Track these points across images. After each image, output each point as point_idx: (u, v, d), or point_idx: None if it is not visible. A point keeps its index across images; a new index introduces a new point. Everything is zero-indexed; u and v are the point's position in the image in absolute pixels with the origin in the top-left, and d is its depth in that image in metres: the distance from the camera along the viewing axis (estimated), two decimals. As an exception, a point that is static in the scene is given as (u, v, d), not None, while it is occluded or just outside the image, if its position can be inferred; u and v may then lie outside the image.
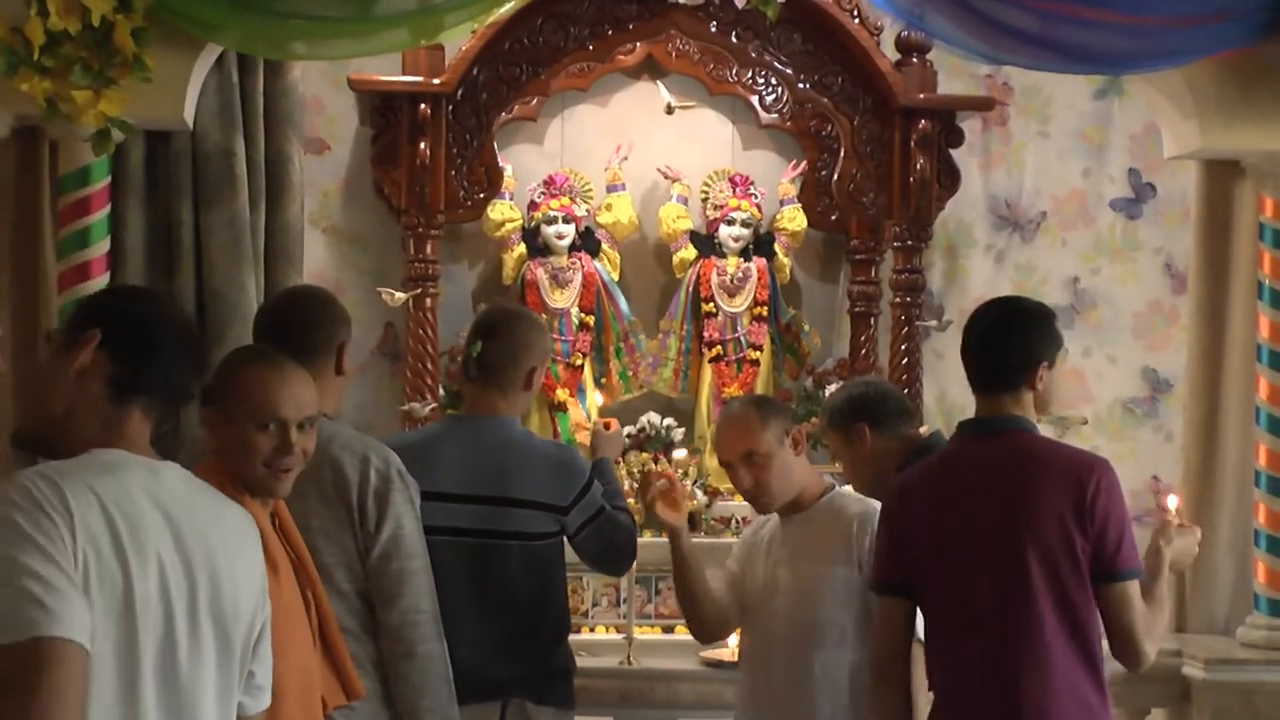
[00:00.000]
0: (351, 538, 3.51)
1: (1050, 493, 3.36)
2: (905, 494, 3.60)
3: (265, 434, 2.94)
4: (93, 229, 4.86)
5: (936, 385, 6.26)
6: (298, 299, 3.83)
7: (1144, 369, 6.46)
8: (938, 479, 3.56)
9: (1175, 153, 5.50)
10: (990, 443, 3.50)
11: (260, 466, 2.95)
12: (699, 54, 5.91)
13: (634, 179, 6.09)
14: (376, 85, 5.70)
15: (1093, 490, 3.34)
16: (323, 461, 3.39)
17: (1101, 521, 3.34)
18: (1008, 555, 3.36)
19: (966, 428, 3.61)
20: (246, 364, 3.06)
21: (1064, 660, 3.34)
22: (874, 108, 5.92)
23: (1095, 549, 3.34)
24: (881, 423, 4.10)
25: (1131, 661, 3.42)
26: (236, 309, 5.21)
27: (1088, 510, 3.33)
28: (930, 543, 3.50)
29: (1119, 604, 3.36)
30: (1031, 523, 3.35)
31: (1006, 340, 3.52)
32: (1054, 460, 3.43)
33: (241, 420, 2.96)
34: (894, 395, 4.23)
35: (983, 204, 6.43)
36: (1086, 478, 3.36)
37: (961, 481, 3.49)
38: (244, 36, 4.88)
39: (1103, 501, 3.34)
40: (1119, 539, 3.35)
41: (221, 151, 5.24)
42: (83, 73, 4.58)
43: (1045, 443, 3.54)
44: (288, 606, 2.91)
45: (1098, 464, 3.41)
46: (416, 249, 5.72)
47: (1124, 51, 5.07)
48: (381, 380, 6.04)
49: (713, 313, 6.06)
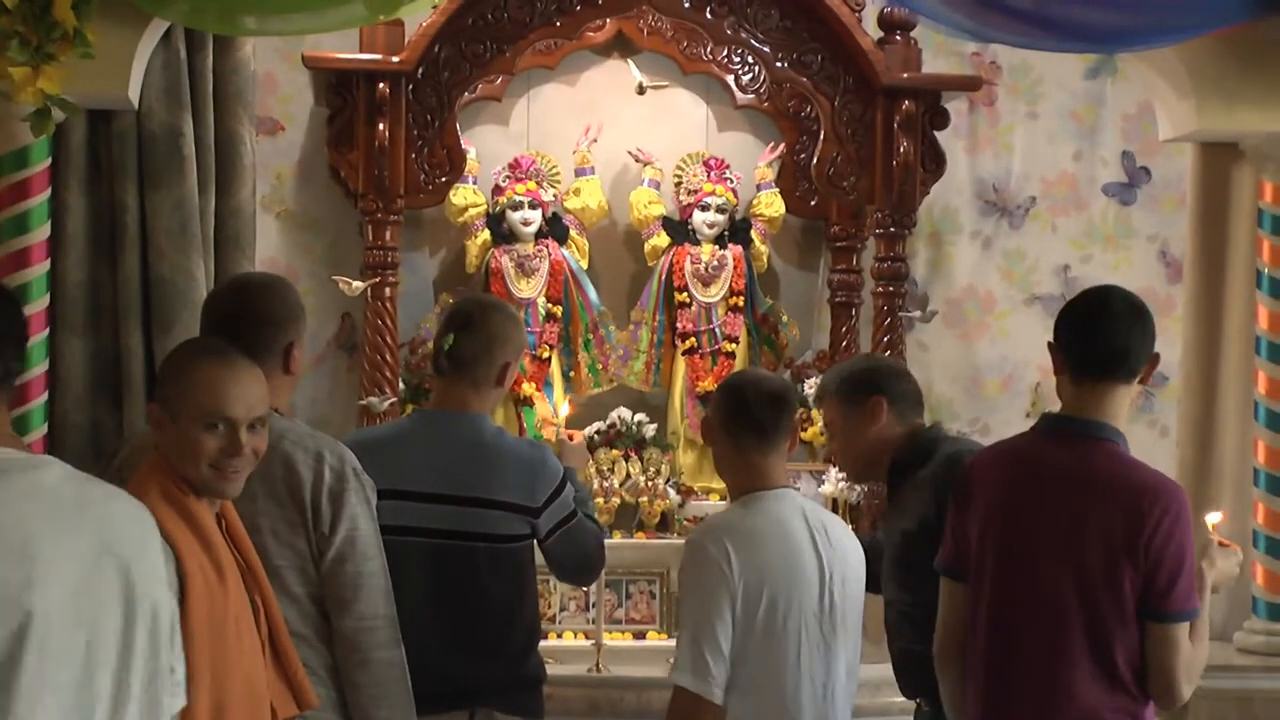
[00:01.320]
0: (304, 540, 3.41)
1: (1105, 517, 3.23)
2: (978, 479, 3.45)
3: (213, 434, 2.87)
4: (32, 214, 4.77)
5: (922, 379, 6.01)
6: (248, 290, 3.68)
7: (1137, 362, 6.41)
8: (1010, 474, 3.41)
9: (1171, 135, 5.45)
10: (1067, 447, 3.35)
11: (206, 467, 2.86)
12: (672, 31, 5.83)
13: (603, 162, 6.04)
14: (332, 63, 5.63)
15: (1153, 522, 3.20)
16: (273, 459, 3.29)
17: (1156, 557, 3.20)
18: (1050, 575, 3.27)
19: (1049, 422, 3.45)
20: (193, 359, 2.96)
21: (1085, 693, 3.24)
22: (855, 88, 5.84)
23: (1146, 584, 3.21)
24: (896, 402, 3.88)
25: (1165, 703, 3.29)
26: (185, 297, 5.07)
27: (1143, 543, 3.20)
28: (986, 536, 3.38)
29: (1162, 645, 3.23)
30: (1076, 545, 3.24)
31: (1121, 325, 3.34)
32: (1119, 483, 3.27)
33: (187, 419, 2.87)
34: (910, 378, 4.03)
35: (969, 189, 6.39)
36: (1150, 507, 3.21)
37: (1028, 484, 3.37)
38: (192, 10, 4.78)
39: (1161, 536, 3.20)
40: (1173, 578, 3.21)
41: (168, 132, 5.11)
42: (20, 48, 4.44)
43: (1118, 461, 3.33)
44: (235, 613, 2.83)
45: (1164, 493, 3.25)
46: (375, 235, 5.62)
47: (1118, 28, 4.98)
48: (338, 373, 5.98)
49: (686, 303, 6.00)
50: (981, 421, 6.34)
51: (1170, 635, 3.22)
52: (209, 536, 2.80)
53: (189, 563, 2.71)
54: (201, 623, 2.69)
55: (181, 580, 2.68)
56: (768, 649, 3.50)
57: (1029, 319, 6.29)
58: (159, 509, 2.73)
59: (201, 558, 2.75)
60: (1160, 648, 3.22)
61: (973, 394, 6.37)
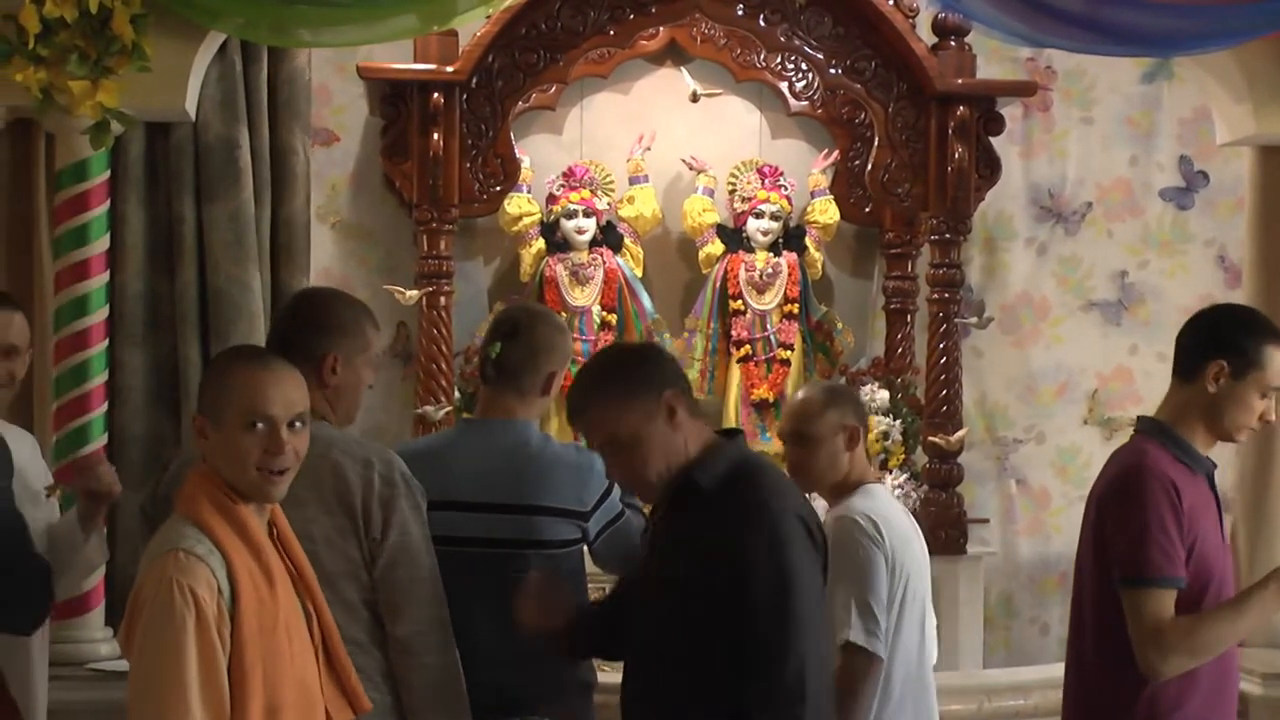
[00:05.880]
0: (356, 547, 3.40)
1: (1099, 494, 3.40)
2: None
3: (253, 434, 2.84)
4: (91, 226, 4.76)
5: (977, 386, 6.23)
6: (294, 300, 3.78)
7: (1196, 368, 6.36)
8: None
9: (1228, 139, 5.40)
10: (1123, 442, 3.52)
11: (252, 470, 2.84)
12: (724, 38, 5.83)
13: (657, 170, 6.04)
14: (386, 73, 5.66)
15: (1110, 491, 3.36)
16: (323, 468, 3.31)
17: (1113, 524, 3.31)
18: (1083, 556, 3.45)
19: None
20: (230, 364, 2.97)
21: (1093, 666, 3.36)
22: (909, 94, 5.84)
23: (1110, 550, 3.32)
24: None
25: (1141, 669, 3.30)
26: (241, 308, 5.12)
27: (1107, 511, 3.34)
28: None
29: (1126, 611, 3.28)
30: (1088, 521, 3.42)
31: (1190, 323, 3.47)
32: (1110, 463, 3.44)
33: (229, 422, 2.86)
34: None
35: (1024, 194, 6.37)
36: (1112, 478, 3.37)
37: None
38: (246, 23, 4.80)
39: (1114, 503, 3.32)
40: (1125, 544, 3.28)
41: (224, 143, 5.15)
42: (79, 62, 4.49)
43: (1127, 446, 3.44)
44: (286, 619, 2.83)
45: (1124, 463, 3.37)
46: (429, 245, 5.64)
47: (1173, 31, 4.96)
48: (394, 383, 5.98)
49: (741, 310, 5.99)
50: (1037, 429, 6.30)
51: (1129, 600, 3.25)
52: (259, 544, 2.81)
53: (239, 570, 2.73)
54: (252, 628, 2.71)
55: (233, 587, 2.71)
56: (901, 619, 3.65)
57: (1085, 325, 6.27)
58: (209, 518, 2.75)
59: (251, 565, 2.77)
60: (1126, 613, 3.26)
61: (1028, 401, 6.34)
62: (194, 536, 2.73)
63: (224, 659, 2.69)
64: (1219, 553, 3.35)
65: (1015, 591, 6.27)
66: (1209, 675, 3.30)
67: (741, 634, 3.02)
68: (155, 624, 2.67)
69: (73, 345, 4.64)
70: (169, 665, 2.65)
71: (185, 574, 2.68)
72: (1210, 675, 3.31)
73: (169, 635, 2.65)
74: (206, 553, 2.71)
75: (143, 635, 2.69)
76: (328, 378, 3.47)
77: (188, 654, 2.65)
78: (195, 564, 2.69)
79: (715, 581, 3.03)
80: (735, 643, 3.03)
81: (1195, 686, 3.29)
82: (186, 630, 2.65)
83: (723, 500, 3.10)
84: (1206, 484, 3.38)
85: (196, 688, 2.65)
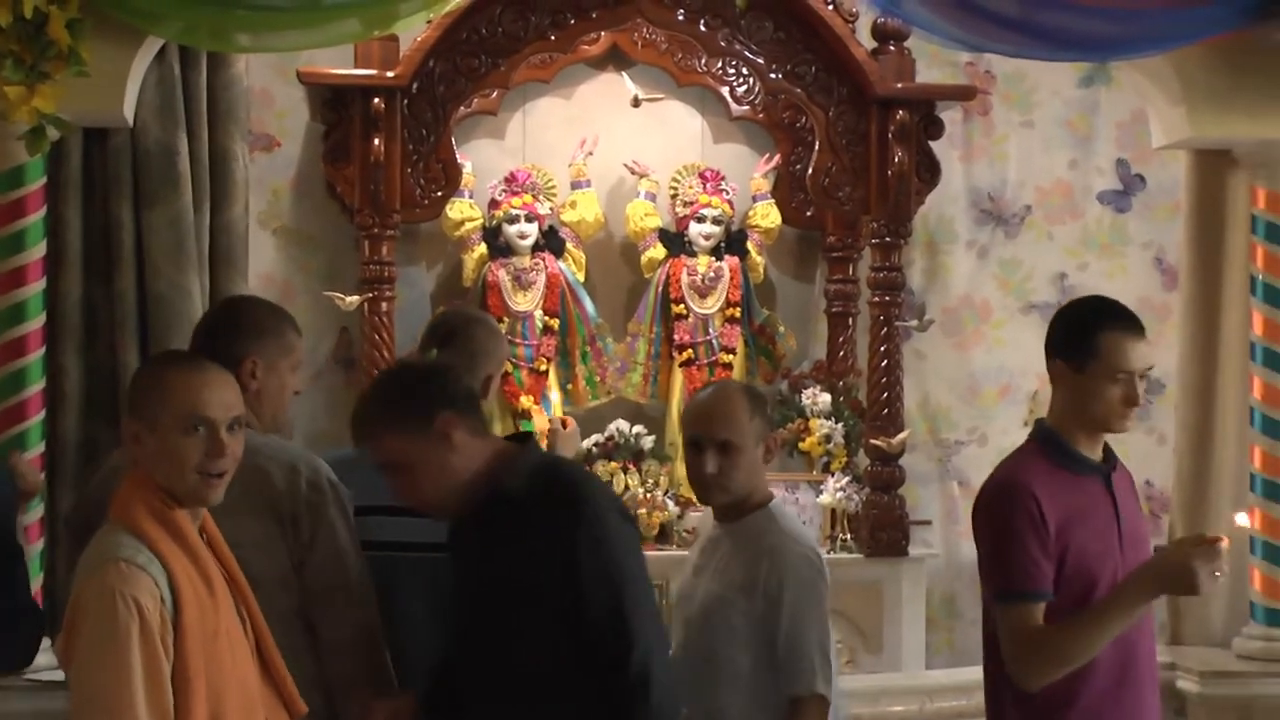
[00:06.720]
0: (285, 552, 3.38)
1: (973, 509, 3.47)
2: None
3: (193, 437, 2.82)
4: (28, 232, 4.72)
5: (919, 388, 6.23)
6: (214, 307, 3.76)
7: (1134, 369, 6.36)
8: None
9: (1164, 142, 5.42)
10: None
11: (191, 474, 2.82)
12: (666, 43, 5.84)
13: (599, 175, 6.02)
14: (327, 78, 5.62)
15: (976, 507, 3.40)
16: (249, 474, 3.25)
17: (979, 540, 3.37)
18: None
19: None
20: (165, 368, 2.95)
21: (994, 678, 3.37)
22: (849, 98, 5.84)
23: (980, 567, 3.39)
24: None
25: (1014, 680, 3.31)
26: (180, 314, 5.08)
27: (975, 528, 3.39)
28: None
29: (997, 624, 3.32)
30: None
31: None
32: (988, 477, 3.44)
33: (166, 426, 2.83)
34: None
35: (964, 198, 6.37)
36: (980, 495, 3.41)
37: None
38: (185, 27, 4.76)
39: (979, 520, 3.38)
40: (987, 560, 3.33)
41: (163, 149, 5.13)
42: (14, 67, 4.42)
43: (1008, 456, 3.48)
44: (226, 624, 2.82)
45: (994, 478, 3.39)
46: (371, 250, 5.62)
47: (1109, 37, 4.97)
48: (336, 389, 5.94)
49: (683, 314, 5.99)
50: (979, 431, 6.32)
51: (999, 615, 3.28)
52: (196, 550, 2.79)
53: (180, 578, 2.71)
54: (195, 636, 2.70)
55: (174, 594, 2.69)
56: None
57: (1026, 327, 6.26)
58: (147, 526, 2.73)
59: (191, 571, 2.75)
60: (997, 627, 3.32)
61: (970, 403, 6.35)
62: (132, 546, 2.71)
63: (168, 668, 2.67)
64: (1108, 554, 3.29)
65: (958, 593, 6.27)
66: (1106, 670, 3.26)
67: (582, 631, 3.02)
68: (98, 636, 2.65)
69: (10, 352, 4.58)
70: (115, 677, 2.63)
71: (128, 584, 2.66)
72: (1108, 668, 3.27)
73: (114, 647, 2.63)
74: (147, 562, 2.70)
75: (86, 647, 2.67)
76: (247, 381, 3.41)
77: (133, 665, 2.63)
78: (137, 574, 2.68)
79: (545, 583, 3.03)
80: (575, 641, 3.03)
81: (1086, 684, 3.25)
82: (131, 641, 2.63)
83: (536, 503, 3.09)
84: (1100, 483, 3.34)
85: (143, 698, 2.63)
